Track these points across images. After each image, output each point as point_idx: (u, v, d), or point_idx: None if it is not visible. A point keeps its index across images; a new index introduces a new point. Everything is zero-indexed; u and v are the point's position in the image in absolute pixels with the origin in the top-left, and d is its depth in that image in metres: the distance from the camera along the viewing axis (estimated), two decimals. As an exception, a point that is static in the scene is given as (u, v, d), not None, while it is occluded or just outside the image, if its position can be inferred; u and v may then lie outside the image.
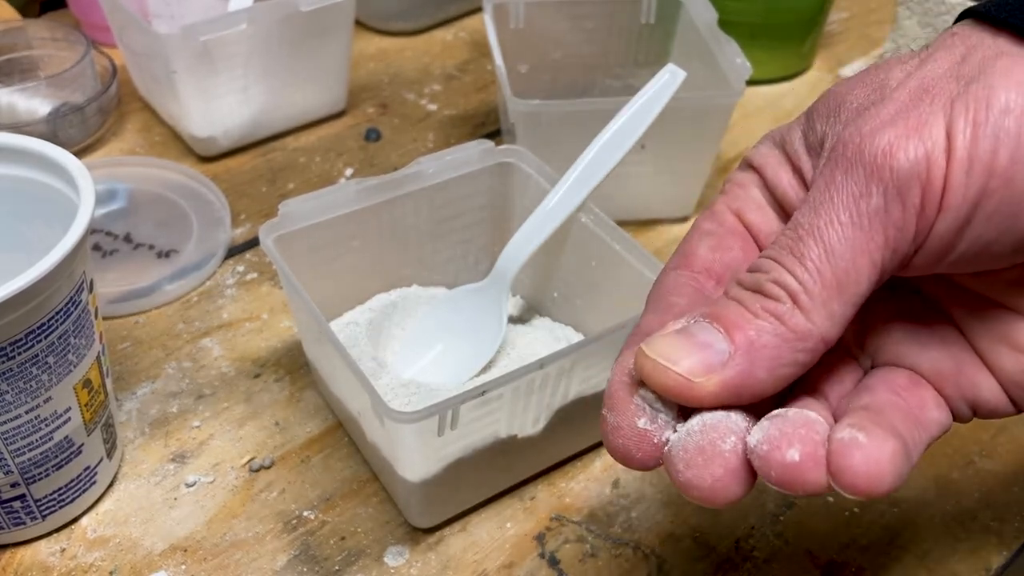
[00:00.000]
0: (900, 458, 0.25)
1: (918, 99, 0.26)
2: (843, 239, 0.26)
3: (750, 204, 0.31)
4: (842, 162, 0.26)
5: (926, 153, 0.25)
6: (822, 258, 0.26)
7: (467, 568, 0.41)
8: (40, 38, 0.66)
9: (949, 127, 0.25)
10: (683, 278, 0.30)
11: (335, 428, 0.47)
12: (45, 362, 0.36)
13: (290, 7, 0.59)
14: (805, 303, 0.26)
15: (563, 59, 0.64)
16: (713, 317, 0.27)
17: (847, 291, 0.26)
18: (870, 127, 0.26)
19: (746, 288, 0.27)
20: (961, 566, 0.42)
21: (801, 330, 0.26)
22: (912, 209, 0.25)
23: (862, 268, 0.26)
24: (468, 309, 0.48)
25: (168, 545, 0.42)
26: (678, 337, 0.27)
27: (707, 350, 0.26)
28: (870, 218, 0.25)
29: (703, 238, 0.31)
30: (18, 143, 0.40)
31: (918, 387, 0.30)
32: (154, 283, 0.53)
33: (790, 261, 0.26)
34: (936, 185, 0.25)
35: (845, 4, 0.82)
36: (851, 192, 0.26)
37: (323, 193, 0.45)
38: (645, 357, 0.27)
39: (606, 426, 0.28)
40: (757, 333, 0.26)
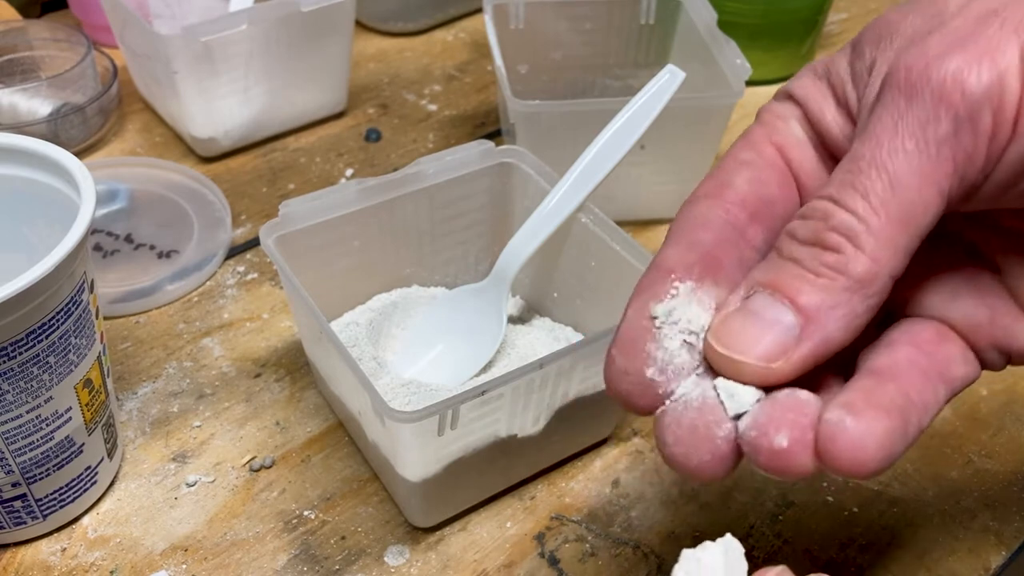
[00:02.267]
0: (889, 439, 0.24)
1: (985, 22, 0.24)
2: (909, 168, 0.24)
3: (791, 139, 0.29)
4: (905, 88, 0.24)
5: (999, 76, 0.24)
6: (887, 190, 0.24)
7: (467, 567, 0.41)
8: (41, 39, 0.66)
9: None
10: (715, 209, 0.28)
11: (335, 428, 0.47)
12: (46, 362, 0.37)
13: (291, 7, 0.59)
14: (868, 244, 0.24)
15: (563, 59, 0.64)
16: (772, 286, 0.25)
17: (913, 223, 0.25)
18: (936, 51, 0.24)
19: (802, 242, 0.25)
20: (960, 566, 0.42)
21: (868, 276, 0.25)
22: (984, 135, 0.24)
23: (930, 198, 0.24)
24: (468, 309, 0.48)
25: (169, 545, 0.42)
26: (742, 320, 0.26)
27: (775, 329, 0.25)
28: (938, 145, 0.24)
29: (740, 168, 0.29)
30: (19, 143, 0.40)
31: (945, 341, 0.29)
32: (155, 283, 0.53)
33: (850, 197, 0.25)
34: (1009, 110, 0.24)
35: (844, 5, 0.82)
36: (917, 119, 0.24)
37: (323, 193, 0.45)
38: (713, 349, 0.26)
39: (613, 366, 0.27)
40: (824, 295, 0.25)
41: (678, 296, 0.27)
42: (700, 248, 0.28)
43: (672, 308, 0.27)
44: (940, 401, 0.27)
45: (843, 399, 0.25)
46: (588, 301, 0.47)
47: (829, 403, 0.25)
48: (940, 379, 0.27)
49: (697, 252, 0.28)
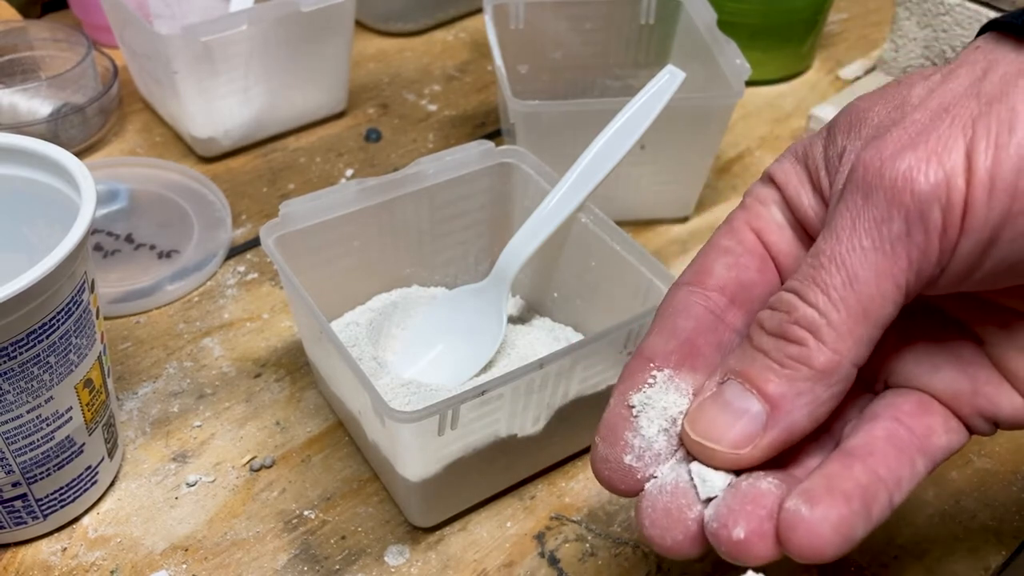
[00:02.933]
0: (847, 524, 0.26)
1: (937, 119, 0.26)
2: (866, 265, 0.25)
3: (771, 224, 0.31)
4: (862, 186, 0.26)
5: (945, 176, 0.25)
6: (846, 285, 0.26)
7: (467, 567, 0.41)
8: (41, 39, 0.66)
9: (969, 149, 0.25)
10: (694, 296, 0.30)
11: (335, 428, 0.47)
12: (46, 362, 0.37)
13: (291, 8, 0.59)
14: (829, 337, 0.26)
15: (563, 59, 0.64)
16: (742, 375, 0.27)
17: (872, 316, 0.26)
18: (890, 150, 0.26)
19: (769, 334, 0.27)
20: (960, 566, 0.42)
21: (830, 367, 0.26)
22: (935, 232, 0.25)
23: (887, 292, 0.26)
24: (468, 309, 0.48)
25: (169, 544, 0.42)
26: (713, 407, 0.27)
27: (743, 418, 0.27)
28: (892, 243, 0.25)
29: (720, 255, 0.31)
30: (19, 143, 0.40)
31: (926, 413, 0.30)
32: (155, 283, 0.53)
33: (812, 292, 0.26)
34: (956, 207, 0.25)
35: (844, 5, 0.82)
36: (872, 217, 0.25)
37: (324, 193, 0.45)
38: (690, 438, 0.28)
39: (596, 452, 0.29)
40: (788, 385, 0.26)
41: (655, 385, 0.29)
42: (679, 336, 0.29)
43: (649, 397, 0.29)
44: (919, 473, 0.29)
45: (804, 487, 0.27)
46: (588, 301, 0.47)
47: (793, 491, 0.27)
48: (919, 452, 0.29)
49: (676, 340, 0.29)
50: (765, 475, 0.27)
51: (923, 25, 0.66)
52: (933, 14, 0.65)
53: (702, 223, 0.60)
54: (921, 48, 0.67)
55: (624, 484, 0.29)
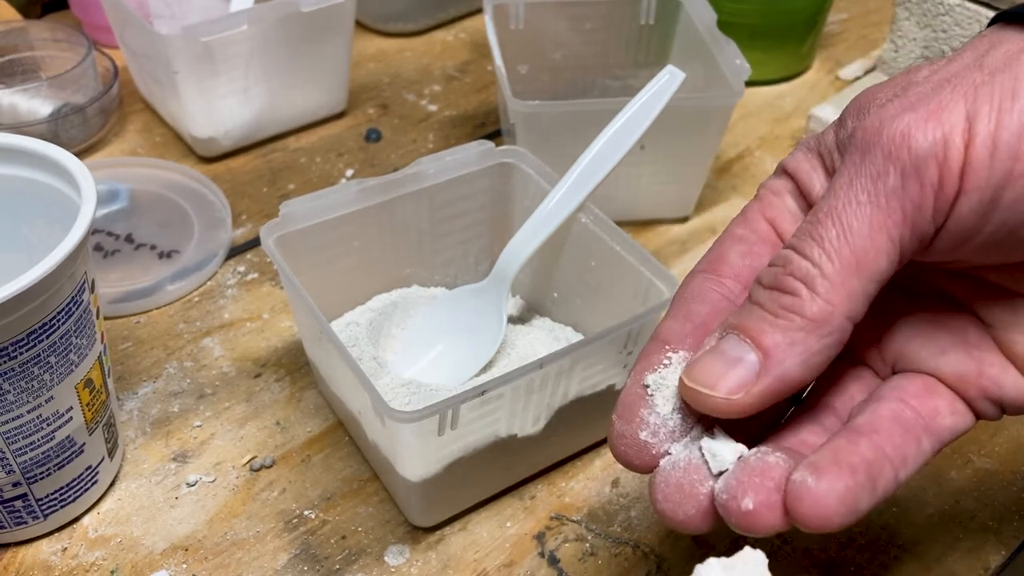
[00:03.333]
0: (852, 495, 0.26)
1: (939, 87, 0.26)
2: (860, 217, 0.26)
3: (784, 213, 0.31)
4: (860, 145, 0.26)
5: (943, 135, 0.25)
6: (840, 237, 0.26)
7: (467, 567, 0.41)
8: (42, 39, 0.66)
9: (971, 112, 0.25)
10: (709, 283, 0.31)
11: (336, 428, 0.47)
12: (47, 362, 0.37)
13: (291, 8, 0.59)
14: (821, 287, 0.26)
15: (563, 60, 0.64)
16: (739, 328, 0.28)
17: (866, 268, 0.26)
18: (890, 113, 0.26)
19: (765, 287, 0.27)
20: (960, 565, 0.42)
21: (822, 316, 0.26)
22: (930, 187, 0.26)
23: (880, 245, 0.26)
24: (468, 309, 0.48)
25: (169, 544, 0.42)
26: (711, 358, 0.28)
27: (737, 365, 0.27)
28: (887, 196, 0.26)
29: (734, 243, 0.31)
30: (19, 144, 0.40)
31: (932, 394, 0.30)
32: (155, 283, 0.53)
33: (807, 245, 0.27)
34: (954, 165, 0.25)
35: (844, 5, 0.82)
36: (868, 173, 0.26)
37: (324, 194, 0.45)
38: (685, 386, 0.28)
39: (613, 431, 0.30)
40: (782, 335, 0.27)
41: (670, 366, 0.30)
42: (694, 320, 0.30)
43: (663, 376, 0.30)
44: (925, 452, 0.29)
45: (811, 459, 0.27)
46: (588, 301, 0.47)
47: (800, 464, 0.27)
48: (924, 431, 0.29)
49: (691, 323, 0.30)
50: (773, 450, 0.28)
51: (923, 25, 0.66)
52: (933, 14, 0.65)
53: (702, 223, 0.60)
54: (921, 48, 0.67)
55: (639, 460, 0.30)
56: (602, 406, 0.44)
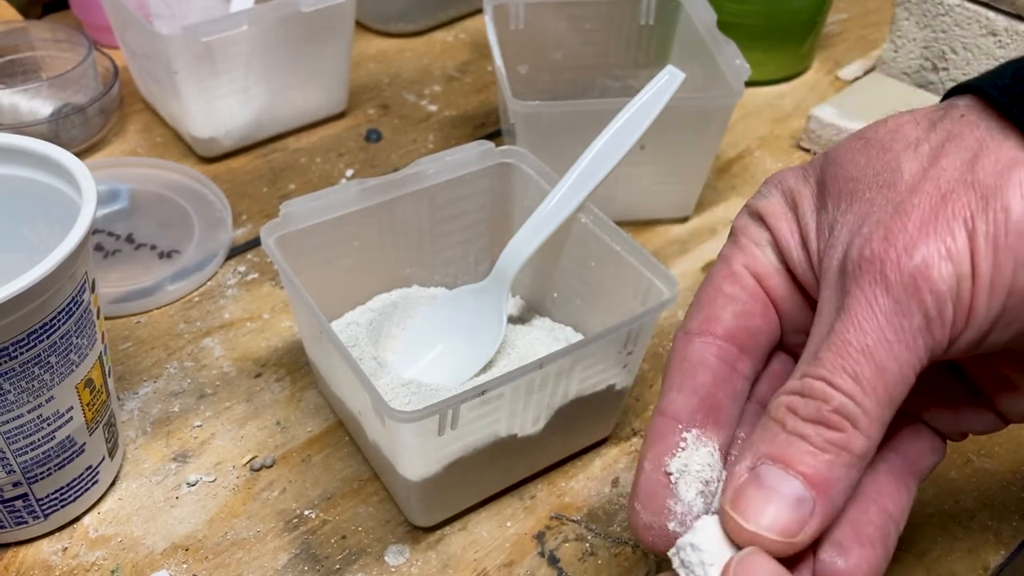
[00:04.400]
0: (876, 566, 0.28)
1: (939, 207, 0.27)
2: (892, 356, 0.27)
3: (768, 268, 0.32)
4: (881, 280, 0.27)
5: (955, 274, 0.26)
6: (875, 375, 0.27)
7: (467, 567, 0.41)
8: (42, 39, 0.66)
9: (972, 248, 0.26)
10: (708, 348, 0.31)
11: (336, 427, 0.47)
12: (47, 362, 0.37)
13: (291, 8, 0.59)
14: (864, 424, 0.27)
15: (563, 60, 0.64)
16: (781, 460, 0.28)
17: (895, 400, 0.27)
18: (902, 243, 0.27)
19: (805, 419, 0.28)
20: (959, 565, 0.42)
21: (865, 451, 0.27)
22: (948, 325, 0.27)
23: (908, 379, 0.27)
24: (468, 309, 0.48)
25: (169, 544, 0.42)
26: (757, 492, 0.28)
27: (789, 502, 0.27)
28: (914, 335, 0.27)
29: (727, 303, 0.32)
30: (20, 144, 0.40)
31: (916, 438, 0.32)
32: (156, 283, 0.53)
33: (847, 382, 0.27)
34: (965, 303, 0.27)
35: (844, 5, 0.82)
36: (893, 310, 0.27)
37: (324, 194, 0.45)
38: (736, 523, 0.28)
39: (638, 520, 0.30)
40: (829, 469, 0.27)
41: (687, 447, 0.30)
42: (700, 392, 0.31)
43: (684, 461, 0.30)
44: (913, 495, 0.31)
45: (834, 537, 0.29)
46: (588, 301, 0.47)
47: (823, 540, 0.28)
48: (912, 475, 0.31)
49: (699, 396, 0.30)
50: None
51: (922, 26, 0.66)
52: (932, 15, 0.65)
53: (702, 223, 0.60)
54: (920, 48, 0.67)
55: (667, 547, 0.30)
56: (602, 406, 0.44)
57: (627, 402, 0.47)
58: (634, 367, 0.43)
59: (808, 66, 0.74)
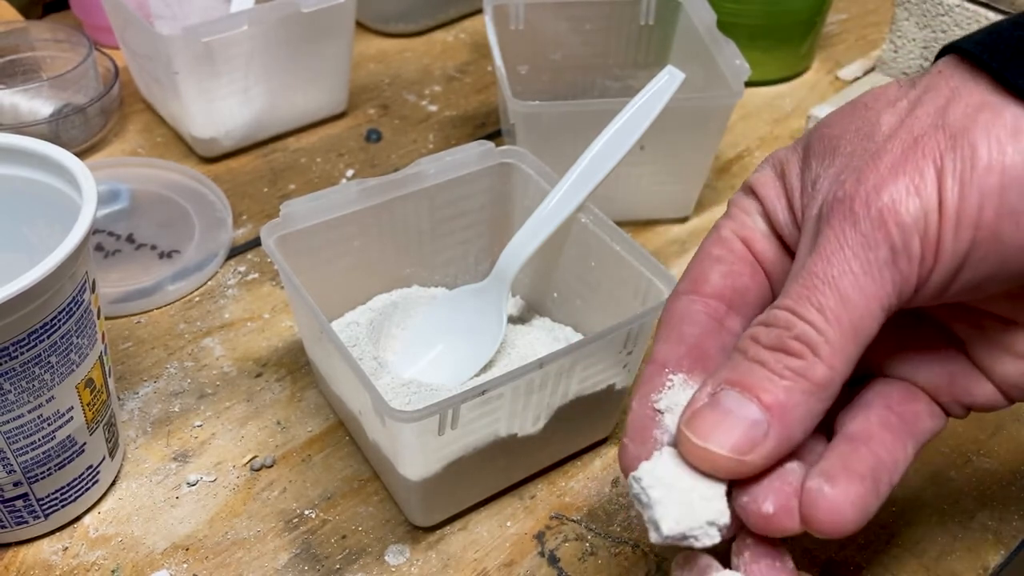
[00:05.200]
0: (863, 500, 0.28)
1: (910, 150, 0.28)
2: (856, 287, 0.27)
3: (756, 233, 0.32)
4: (849, 216, 0.28)
5: (923, 209, 0.27)
6: (839, 305, 0.27)
7: (467, 566, 0.41)
8: (42, 39, 0.66)
9: (940, 185, 0.27)
10: (695, 304, 0.32)
11: (336, 427, 0.47)
12: (47, 362, 0.37)
13: (291, 8, 0.59)
14: (825, 352, 0.27)
15: (563, 60, 0.64)
16: (740, 384, 0.28)
17: (861, 334, 0.28)
18: (872, 182, 0.27)
19: (766, 347, 0.28)
20: (959, 565, 0.42)
21: (825, 380, 0.28)
22: (915, 260, 0.27)
23: (874, 313, 0.27)
24: (468, 309, 0.48)
25: (170, 544, 0.42)
26: (713, 413, 0.28)
27: (744, 423, 0.28)
28: (879, 268, 0.27)
29: (714, 264, 0.32)
30: (20, 144, 0.40)
31: (913, 400, 0.32)
32: (156, 283, 0.53)
33: (807, 310, 0.28)
34: (932, 238, 0.27)
35: (843, 5, 0.82)
36: (860, 243, 0.27)
37: (324, 194, 0.45)
38: (689, 441, 0.28)
39: (627, 454, 0.31)
40: (787, 395, 0.27)
41: (674, 387, 0.31)
42: (687, 341, 0.31)
43: (671, 398, 0.31)
44: (910, 456, 0.31)
45: (822, 467, 0.28)
46: (588, 301, 0.48)
47: (810, 471, 0.28)
48: (909, 435, 0.31)
49: (685, 345, 0.31)
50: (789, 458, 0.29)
51: (922, 26, 0.66)
52: (932, 15, 0.65)
53: (702, 223, 0.60)
54: (920, 48, 0.67)
55: None
56: (602, 406, 0.44)
57: (627, 402, 0.47)
58: (634, 367, 0.43)
59: (808, 66, 0.74)
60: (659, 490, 0.28)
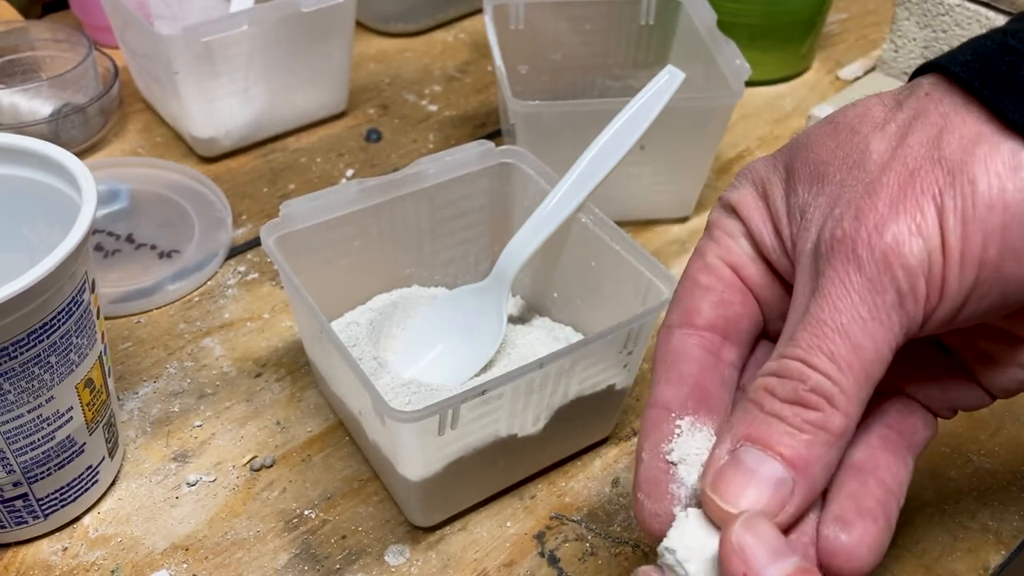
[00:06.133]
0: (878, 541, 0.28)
1: (907, 185, 0.27)
2: (866, 333, 0.27)
3: (743, 258, 0.32)
4: (853, 259, 0.27)
5: (926, 249, 0.27)
6: (851, 353, 0.27)
7: (467, 567, 0.41)
8: (42, 39, 0.66)
9: (942, 223, 0.27)
10: (690, 339, 0.31)
11: (336, 427, 0.47)
12: (47, 362, 0.37)
13: (291, 8, 0.59)
14: (841, 402, 0.27)
15: (563, 60, 0.64)
16: (760, 441, 0.28)
17: (872, 378, 0.27)
18: (873, 221, 0.27)
19: (783, 401, 0.28)
20: (959, 565, 0.42)
21: (843, 429, 0.27)
22: (920, 300, 0.27)
23: (884, 356, 0.27)
24: (468, 309, 0.48)
25: (169, 544, 0.42)
26: (736, 474, 0.28)
27: (770, 483, 0.27)
28: (887, 312, 0.27)
29: (704, 294, 0.32)
30: (20, 144, 0.40)
31: (910, 414, 0.32)
32: (156, 283, 0.53)
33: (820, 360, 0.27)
34: (937, 278, 0.27)
35: (844, 5, 0.82)
36: (866, 288, 0.27)
37: (324, 194, 0.45)
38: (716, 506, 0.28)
39: (643, 511, 0.30)
40: (808, 449, 0.27)
41: (682, 434, 0.30)
42: (688, 381, 0.31)
43: (681, 447, 0.30)
44: (910, 471, 0.31)
45: (835, 511, 0.28)
46: (588, 301, 0.47)
47: (824, 515, 0.28)
48: (908, 450, 0.31)
49: (687, 386, 0.31)
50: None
51: (923, 25, 0.66)
52: (933, 14, 0.65)
53: (702, 223, 0.60)
54: (920, 48, 0.67)
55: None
56: (602, 406, 0.44)
57: (627, 402, 0.47)
58: (634, 367, 0.43)
59: (808, 66, 0.74)
60: (695, 564, 0.27)
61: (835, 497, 0.29)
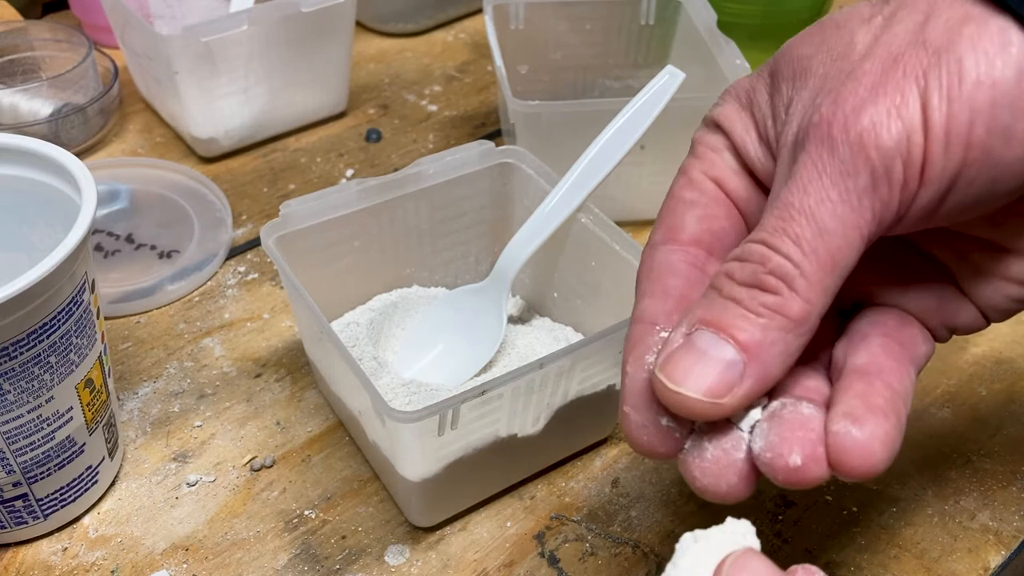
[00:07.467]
0: (891, 437, 0.27)
1: (890, 70, 0.26)
2: (834, 216, 0.26)
3: (727, 171, 0.31)
4: (827, 141, 0.26)
5: (905, 130, 0.25)
6: (816, 236, 0.26)
7: (467, 567, 0.41)
8: (42, 39, 0.66)
9: (924, 102, 0.25)
10: (675, 254, 0.30)
11: (336, 428, 0.47)
12: (47, 362, 0.37)
13: (291, 8, 0.59)
14: (801, 286, 0.26)
15: (563, 60, 0.64)
16: (714, 324, 0.27)
17: (839, 265, 0.26)
18: (851, 105, 0.26)
19: (740, 283, 0.27)
20: (959, 565, 0.42)
21: (802, 316, 0.26)
22: (897, 185, 0.26)
23: (853, 242, 0.26)
24: (468, 309, 0.48)
25: (169, 544, 0.42)
26: (687, 355, 0.27)
27: (719, 365, 0.26)
28: (859, 195, 0.26)
29: (688, 209, 0.31)
30: (20, 144, 0.40)
31: (907, 325, 0.31)
32: (156, 283, 0.53)
33: (783, 243, 0.26)
34: (916, 160, 0.26)
35: (843, 5, 0.82)
36: (838, 171, 0.26)
37: (324, 194, 0.45)
38: (663, 386, 0.27)
39: (630, 423, 0.29)
40: (763, 333, 0.26)
41: None
42: (673, 294, 0.30)
43: None
44: (913, 381, 0.30)
45: (844, 408, 0.27)
46: (588, 301, 0.47)
47: (832, 413, 0.27)
48: (910, 361, 0.30)
49: (671, 298, 0.30)
50: (799, 400, 0.28)
51: (923, 25, 0.66)
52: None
53: (702, 223, 0.60)
54: (921, 48, 0.67)
55: (665, 447, 0.29)
56: (602, 406, 0.44)
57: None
58: (634, 367, 0.43)
59: (808, 66, 0.74)
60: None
61: (842, 397, 0.28)
